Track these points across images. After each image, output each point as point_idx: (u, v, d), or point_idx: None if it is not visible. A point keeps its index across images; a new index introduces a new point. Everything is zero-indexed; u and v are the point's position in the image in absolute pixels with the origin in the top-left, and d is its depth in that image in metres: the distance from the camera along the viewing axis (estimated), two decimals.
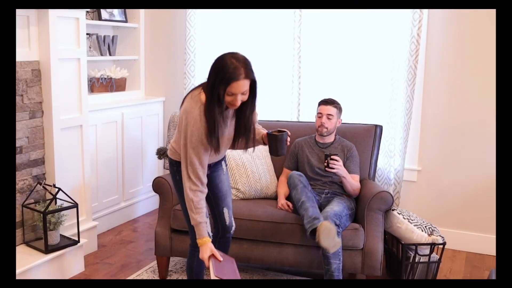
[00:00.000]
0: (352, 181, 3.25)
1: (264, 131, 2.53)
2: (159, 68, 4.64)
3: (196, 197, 2.37)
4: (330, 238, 2.76)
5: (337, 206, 3.07)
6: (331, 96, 3.93)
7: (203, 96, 2.33)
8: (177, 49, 4.53)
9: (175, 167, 2.59)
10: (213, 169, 2.65)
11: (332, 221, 2.88)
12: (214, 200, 2.72)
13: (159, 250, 3.28)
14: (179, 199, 2.63)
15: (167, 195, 3.27)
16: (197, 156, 2.34)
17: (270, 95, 4.25)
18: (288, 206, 3.23)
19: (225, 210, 2.74)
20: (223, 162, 2.73)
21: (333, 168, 3.13)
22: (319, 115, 3.35)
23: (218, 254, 2.38)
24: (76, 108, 3.51)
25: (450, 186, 3.87)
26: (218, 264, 2.33)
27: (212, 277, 2.28)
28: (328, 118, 3.31)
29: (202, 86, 2.38)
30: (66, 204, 3.34)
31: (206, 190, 2.42)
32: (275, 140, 2.38)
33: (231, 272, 2.38)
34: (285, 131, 2.41)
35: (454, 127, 3.80)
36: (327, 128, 3.32)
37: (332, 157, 3.12)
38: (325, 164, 3.14)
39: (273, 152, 2.41)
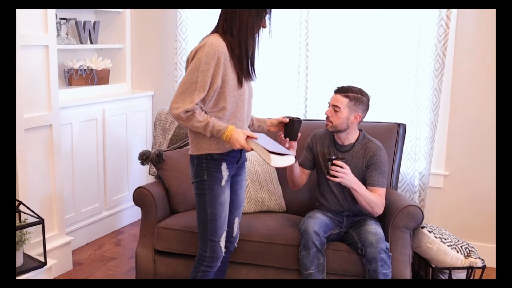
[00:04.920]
0: (368, 195, 2.54)
1: (273, 119, 2.51)
2: (147, 58, 4.24)
3: (199, 112, 2.19)
4: None
5: (376, 227, 2.55)
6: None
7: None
8: (167, 37, 4.12)
9: (204, 161, 2.26)
10: (238, 171, 2.40)
11: (384, 252, 2.43)
12: (229, 207, 2.39)
13: (140, 274, 2.78)
14: (197, 208, 2.32)
15: (150, 208, 2.76)
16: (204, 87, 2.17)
17: (273, 88, 3.75)
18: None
19: (236, 220, 2.49)
20: (245, 167, 2.50)
21: (336, 177, 2.49)
22: (328, 105, 2.70)
23: (252, 133, 2.25)
24: (44, 105, 3.04)
25: (481, 194, 3.39)
26: (261, 142, 2.20)
27: (266, 156, 2.13)
28: (335, 111, 2.60)
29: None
30: (31, 219, 2.82)
31: None
32: (298, 124, 2.43)
33: (274, 143, 2.26)
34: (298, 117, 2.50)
35: (486, 126, 3.32)
36: (331, 122, 2.62)
37: (334, 161, 2.48)
38: (326, 170, 2.55)
39: (294, 136, 2.44)
